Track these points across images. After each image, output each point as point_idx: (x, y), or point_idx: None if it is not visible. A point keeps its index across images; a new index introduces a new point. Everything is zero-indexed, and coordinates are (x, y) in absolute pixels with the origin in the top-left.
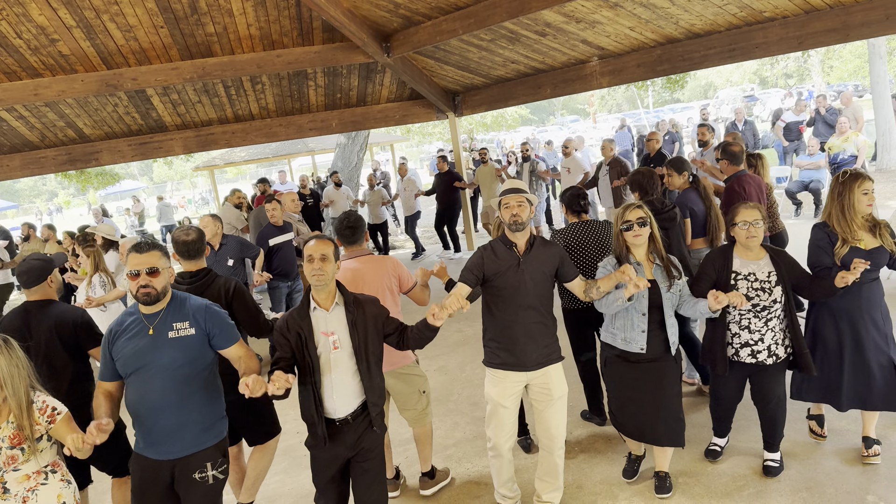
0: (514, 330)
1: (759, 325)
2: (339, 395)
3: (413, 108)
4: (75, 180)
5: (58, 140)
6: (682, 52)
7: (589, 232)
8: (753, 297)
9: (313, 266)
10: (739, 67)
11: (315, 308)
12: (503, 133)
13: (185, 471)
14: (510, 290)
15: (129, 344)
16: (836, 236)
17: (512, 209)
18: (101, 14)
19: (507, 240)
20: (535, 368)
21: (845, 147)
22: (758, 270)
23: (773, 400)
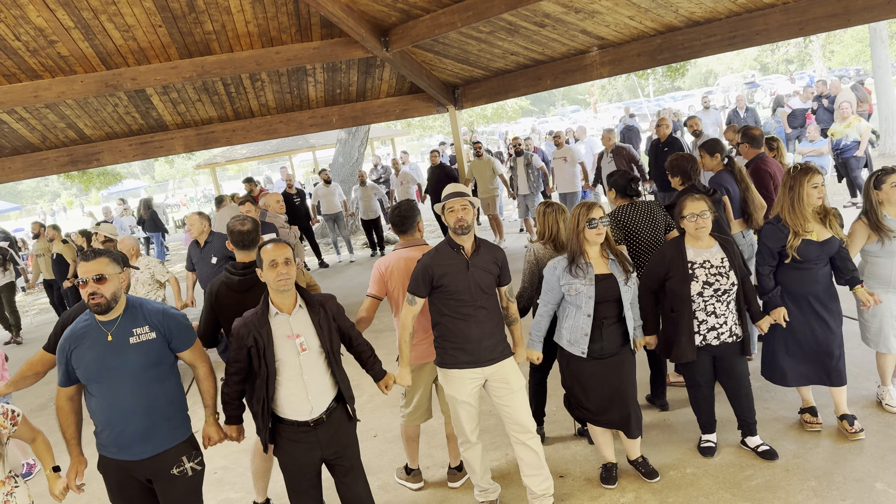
0: (469, 329)
1: (723, 308)
2: (314, 395)
3: (413, 102)
4: (77, 181)
5: (59, 141)
6: (683, 41)
7: (640, 214)
8: (714, 282)
9: (278, 271)
10: (740, 54)
11: (276, 313)
12: (504, 125)
13: (162, 468)
14: (461, 291)
15: (89, 352)
16: (787, 230)
17: (457, 213)
18: (100, 14)
19: (453, 243)
20: (491, 364)
21: (847, 133)
22: (711, 258)
23: (743, 377)
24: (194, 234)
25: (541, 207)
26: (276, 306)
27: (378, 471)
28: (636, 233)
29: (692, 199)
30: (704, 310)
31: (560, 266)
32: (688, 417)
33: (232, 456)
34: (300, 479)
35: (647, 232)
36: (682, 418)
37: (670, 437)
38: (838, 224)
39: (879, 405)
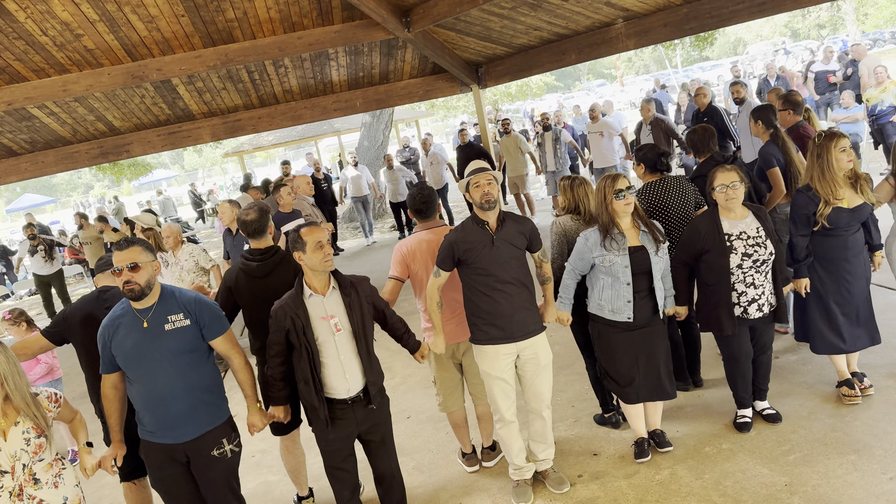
0: (499, 305)
1: (762, 279)
2: (350, 374)
3: (436, 83)
4: (109, 172)
5: (89, 134)
6: (710, 9)
7: (670, 189)
8: (753, 253)
9: (325, 251)
10: (770, 21)
11: (311, 294)
12: (529, 102)
13: (203, 449)
14: (488, 267)
15: (127, 339)
16: (818, 198)
17: (482, 188)
18: (123, 6)
19: (478, 219)
20: (524, 339)
21: (883, 98)
22: (746, 228)
23: (769, 345)
24: (226, 221)
25: (565, 181)
26: (310, 287)
27: (412, 451)
28: (667, 209)
29: (723, 170)
30: (744, 282)
31: (592, 238)
32: (723, 393)
33: (270, 440)
34: (337, 455)
35: (678, 208)
36: (716, 394)
37: (706, 413)
38: (870, 189)
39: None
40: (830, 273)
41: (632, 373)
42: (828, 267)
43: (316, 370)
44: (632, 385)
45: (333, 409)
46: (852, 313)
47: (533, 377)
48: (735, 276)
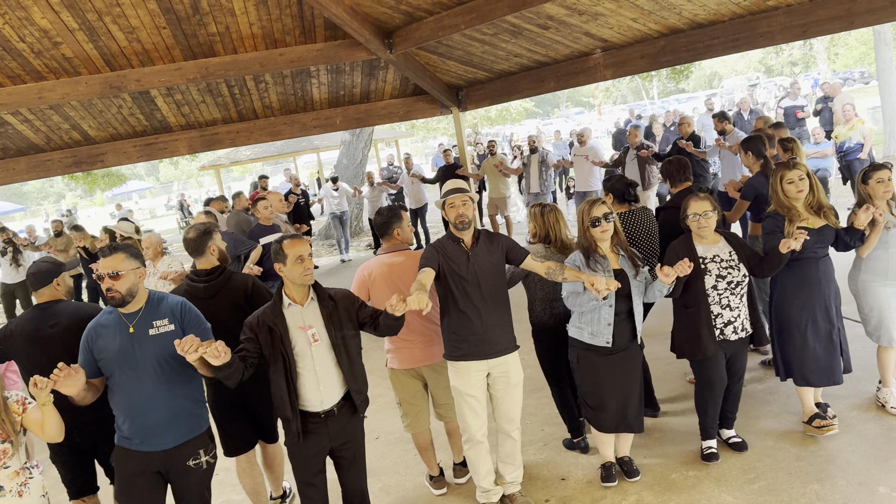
0: (472, 322)
1: (737, 301)
2: (325, 387)
3: (417, 104)
4: (82, 182)
5: (63, 143)
6: (686, 43)
7: (637, 221)
8: (727, 275)
9: (305, 265)
10: (744, 56)
11: (290, 304)
12: (509, 126)
13: (179, 459)
14: (463, 284)
15: (112, 344)
16: (783, 219)
17: (457, 208)
18: (104, 16)
19: (454, 237)
20: (496, 356)
21: (851, 135)
22: (720, 252)
23: (742, 372)
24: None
25: (535, 208)
26: (289, 297)
27: (379, 472)
28: (633, 239)
29: (696, 199)
30: (719, 303)
31: (578, 260)
32: (690, 420)
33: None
34: (308, 470)
35: (645, 239)
36: (684, 421)
37: (673, 439)
38: (833, 216)
39: (882, 408)
40: (806, 302)
41: (606, 399)
42: (802, 295)
43: (292, 380)
44: (605, 411)
45: (306, 422)
46: (827, 344)
47: (503, 396)
48: (711, 298)
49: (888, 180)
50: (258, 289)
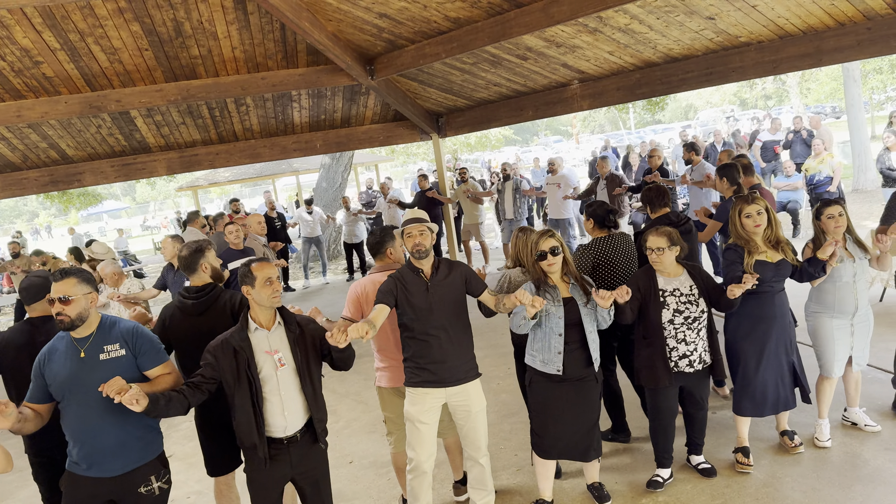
0: (431, 350)
1: (693, 336)
2: (289, 412)
3: (397, 130)
4: (57, 201)
5: (40, 161)
6: (661, 76)
7: (616, 246)
8: (684, 310)
9: (274, 287)
10: (719, 89)
11: (256, 328)
12: (488, 153)
13: (130, 486)
14: (423, 312)
15: (62, 369)
16: (743, 250)
17: (414, 238)
18: (86, 37)
19: (413, 267)
20: (454, 385)
21: (821, 169)
22: (681, 286)
23: (704, 401)
24: (167, 256)
25: (518, 233)
26: (256, 322)
27: (352, 497)
28: (612, 264)
29: (654, 234)
30: (675, 337)
31: (530, 289)
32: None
33: (206, 481)
34: (268, 498)
35: (623, 263)
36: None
37: (644, 465)
38: (790, 251)
39: (853, 427)
40: (761, 335)
41: (550, 425)
42: (759, 329)
43: (258, 405)
44: (547, 437)
45: (270, 448)
46: (778, 376)
47: (465, 423)
48: (667, 331)
49: (839, 216)
50: (244, 306)
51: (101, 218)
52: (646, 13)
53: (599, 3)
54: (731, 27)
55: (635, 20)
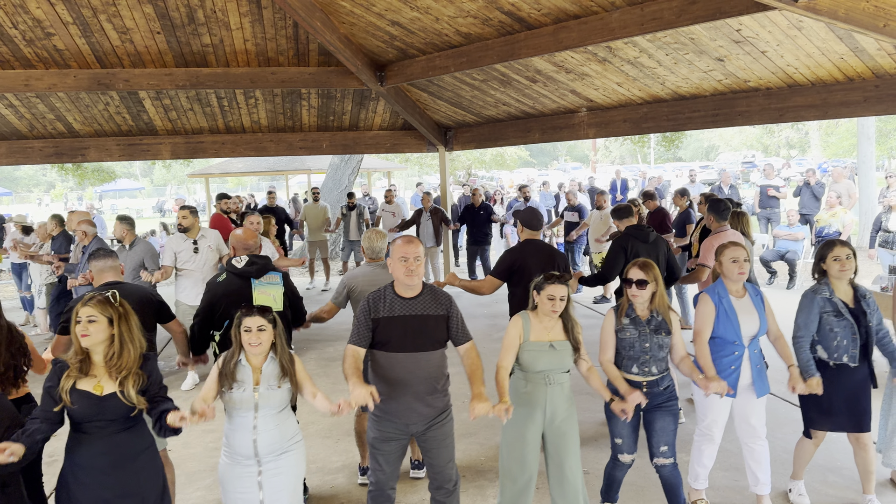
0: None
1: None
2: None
3: (404, 138)
4: (72, 174)
5: (46, 132)
6: (668, 112)
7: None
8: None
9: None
10: (742, 132)
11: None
12: (506, 173)
13: None
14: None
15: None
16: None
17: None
18: (99, 14)
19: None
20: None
21: (831, 222)
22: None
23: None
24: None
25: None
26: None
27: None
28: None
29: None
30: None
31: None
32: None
33: None
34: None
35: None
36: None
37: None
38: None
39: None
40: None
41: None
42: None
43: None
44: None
45: None
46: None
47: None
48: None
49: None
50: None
51: (116, 195)
52: (655, 48)
53: (608, 33)
54: (740, 70)
55: (644, 54)
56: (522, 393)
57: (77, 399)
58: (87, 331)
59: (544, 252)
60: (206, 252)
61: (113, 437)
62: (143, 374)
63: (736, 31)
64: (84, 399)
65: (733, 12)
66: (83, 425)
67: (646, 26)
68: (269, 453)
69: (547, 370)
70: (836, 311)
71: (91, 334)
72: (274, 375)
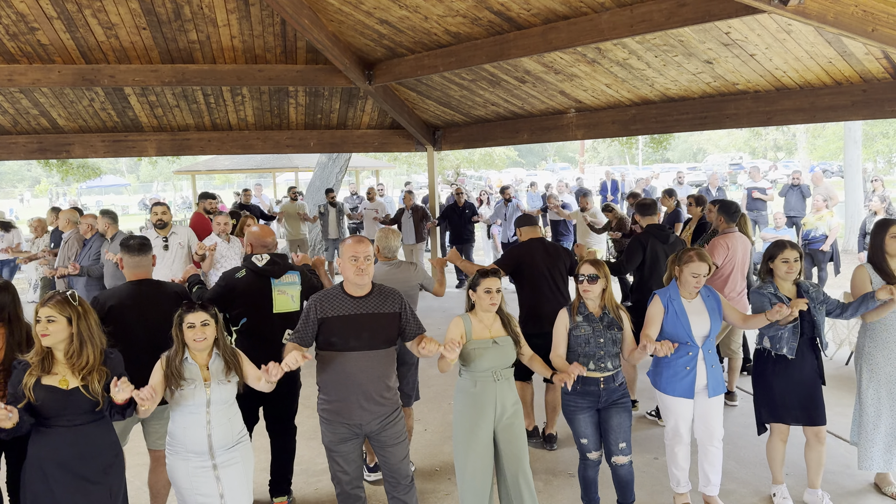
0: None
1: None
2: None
3: (393, 137)
4: (56, 170)
5: (30, 128)
6: (656, 115)
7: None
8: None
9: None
10: (730, 134)
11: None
12: (493, 173)
13: None
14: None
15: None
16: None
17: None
18: (84, 9)
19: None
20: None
21: (818, 225)
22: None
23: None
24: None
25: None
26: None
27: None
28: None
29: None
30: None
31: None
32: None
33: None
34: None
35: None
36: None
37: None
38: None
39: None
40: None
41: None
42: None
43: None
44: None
45: None
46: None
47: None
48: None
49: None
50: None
51: (101, 192)
52: (644, 49)
53: (597, 35)
54: (729, 73)
55: (633, 55)
56: (472, 393)
57: (43, 394)
58: (47, 330)
59: (550, 249)
60: (176, 249)
61: (79, 429)
62: (106, 369)
63: (725, 34)
64: (50, 394)
65: (722, 15)
66: (50, 420)
67: (635, 28)
68: (221, 447)
69: (493, 367)
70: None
71: (51, 334)
72: (220, 370)
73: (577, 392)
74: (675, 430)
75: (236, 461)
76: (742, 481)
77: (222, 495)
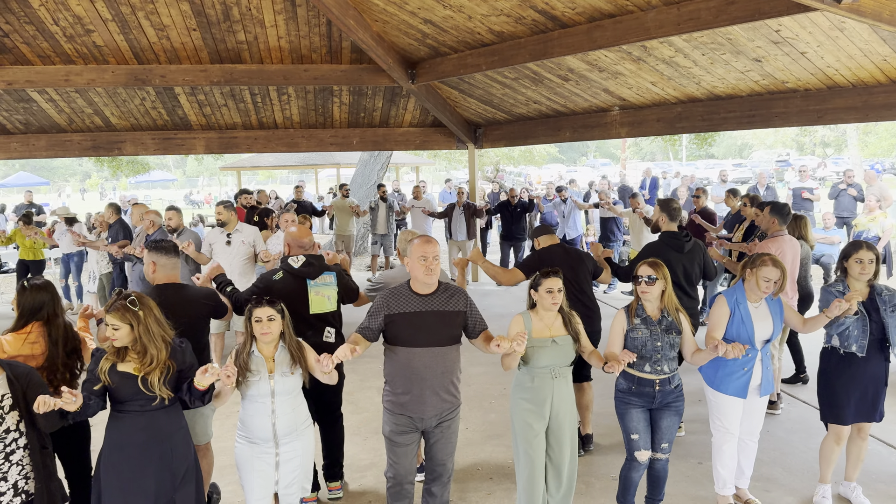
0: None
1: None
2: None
3: (434, 135)
4: (107, 165)
5: (84, 126)
6: (703, 113)
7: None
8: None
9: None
10: (777, 131)
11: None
12: (533, 169)
13: None
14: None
15: None
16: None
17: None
18: (137, 11)
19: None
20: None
21: (870, 227)
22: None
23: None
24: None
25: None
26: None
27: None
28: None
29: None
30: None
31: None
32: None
33: None
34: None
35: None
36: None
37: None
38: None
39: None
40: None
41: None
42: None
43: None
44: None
45: None
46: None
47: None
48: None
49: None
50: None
51: (149, 186)
52: (691, 48)
53: (643, 33)
54: (778, 71)
55: (680, 53)
56: (529, 388)
57: (118, 380)
58: (114, 335)
59: (572, 254)
60: (239, 246)
61: (151, 414)
62: (172, 362)
63: (775, 32)
64: (125, 379)
65: (773, 13)
66: (125, 404)
67: (682, 26)
68: (286, 435)
69: (551, 365)
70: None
71: (118, 338)
72: (285, 363)
73: (632, 392)
74: (725, 425)
75: (297, 454)
76: (788, 488)
77: (277, 482)
